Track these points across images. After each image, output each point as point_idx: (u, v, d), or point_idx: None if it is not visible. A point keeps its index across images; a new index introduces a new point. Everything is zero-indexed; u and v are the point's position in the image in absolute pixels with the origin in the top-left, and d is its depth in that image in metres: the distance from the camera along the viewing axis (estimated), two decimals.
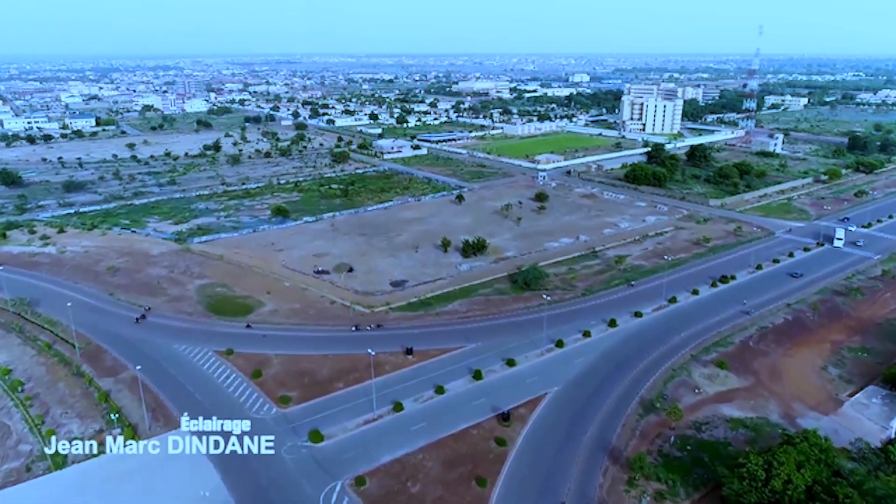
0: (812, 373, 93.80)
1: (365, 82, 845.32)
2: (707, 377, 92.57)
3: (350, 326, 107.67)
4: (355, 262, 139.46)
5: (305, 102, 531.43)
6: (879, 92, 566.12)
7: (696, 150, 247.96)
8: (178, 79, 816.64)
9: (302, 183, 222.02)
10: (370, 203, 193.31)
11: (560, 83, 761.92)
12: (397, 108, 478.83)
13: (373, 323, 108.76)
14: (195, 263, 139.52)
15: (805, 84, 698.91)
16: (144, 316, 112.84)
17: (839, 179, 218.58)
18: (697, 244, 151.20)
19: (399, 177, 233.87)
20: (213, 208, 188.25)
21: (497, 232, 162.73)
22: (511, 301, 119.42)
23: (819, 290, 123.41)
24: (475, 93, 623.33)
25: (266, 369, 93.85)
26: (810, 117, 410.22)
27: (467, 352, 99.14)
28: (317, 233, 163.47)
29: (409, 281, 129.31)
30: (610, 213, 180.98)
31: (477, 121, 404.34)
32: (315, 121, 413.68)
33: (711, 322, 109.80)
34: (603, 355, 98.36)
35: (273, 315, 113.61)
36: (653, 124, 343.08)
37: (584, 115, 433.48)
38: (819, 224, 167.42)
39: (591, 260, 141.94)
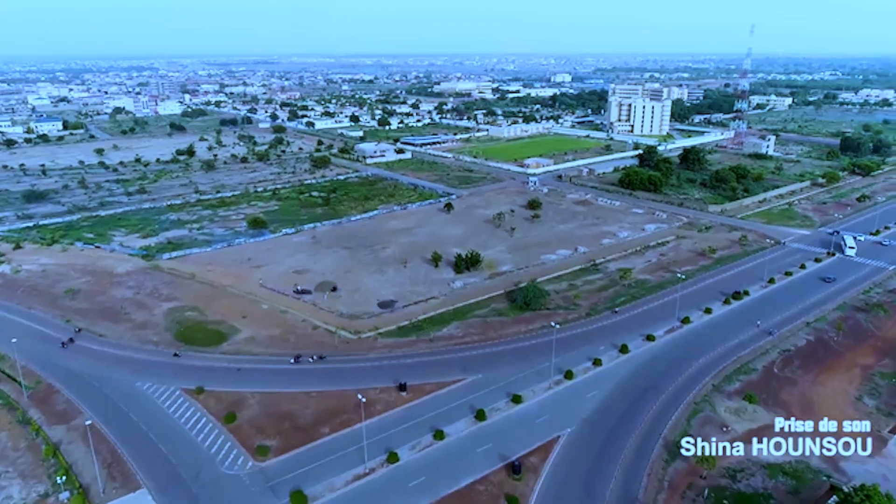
0: (847, 405, 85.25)
1: (345, 83, 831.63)
2: (734, 412, 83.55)
3: (291, 357, 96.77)
4: (339, 280, 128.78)
5: (284, 104, 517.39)
6: (861, 91, 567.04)
7: (689, 153, 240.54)
8: (152, 80, 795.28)
9: (280, 190, 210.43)
10: (353, 212, 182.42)
11: (542, 83, 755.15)
12: (379, 109, 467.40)
13: (315, 355, 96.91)
14: (164, 283, 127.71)
15: (786, 84, 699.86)
16: (73, 339, 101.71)
17: (838, 183, 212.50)
18: (703, 255, 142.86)
19: (383, 183, 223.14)
20: (186, 219, 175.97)
21: (490, 243, 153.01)
22: (511, 323, 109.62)
23: (838, 307, 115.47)
24: (457, 93, 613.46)
25: (241, 411, 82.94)
26: (797, 117, 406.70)
27: (467, 386, 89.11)
28: (297, 246, 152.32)
29: (399, 301, 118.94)
30: (607, 220, 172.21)
31: (461, 122, 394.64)
32: (294, 123, 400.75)
33: (730, 345, 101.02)
34: (617, 388, 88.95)
35: (249, 343, 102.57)
36: (641, 126, 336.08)
37: (569, 116, 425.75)
38: (825, 231, 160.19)
39: (593, 274, 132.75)
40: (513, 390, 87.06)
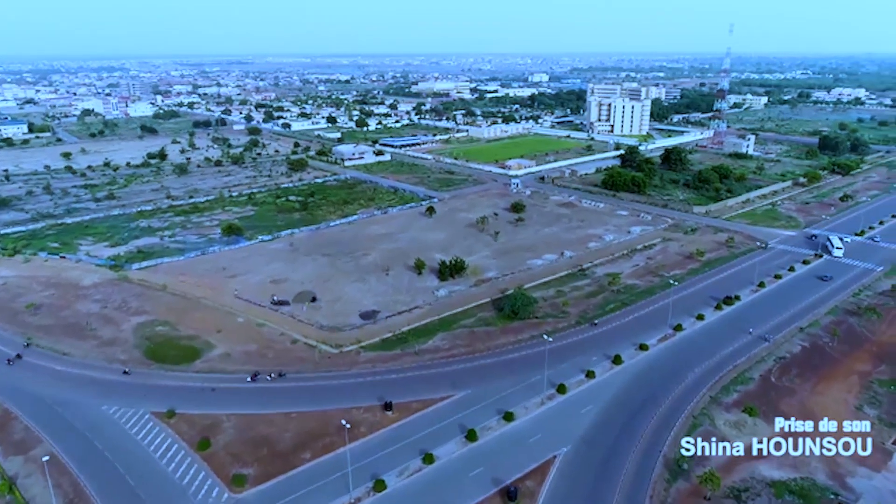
0: (849, 415, 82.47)
1: (321, 83, 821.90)
2: (734, 425, 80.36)
3: (250, 375, 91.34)
4: (319, 289, 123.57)
5: (259, 105, 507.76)
6: (833, 90, 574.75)
7: (671, 153, 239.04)
8: (123, 80, 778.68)
9: (256, 195, 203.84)
10: (332, 217, 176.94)
11: (520, 83, 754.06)
12: (356, 110, 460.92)
13: (274, 372, 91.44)
14: (133, 296, 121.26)
15: (759, 83, 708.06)
16: (20, 355, 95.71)
17: (819, 182, 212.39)
18: (691, 258, 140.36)
19: (362, 186, 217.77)
20: (157, 226, 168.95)
21: (474, 248, 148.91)
22: (499, 333, 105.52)
23: (830, 310, 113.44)
24: (435, 93, 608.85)
25: (216, 436, 77.55)
26: (773, 116, 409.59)
27: (456, 403, 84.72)
28: (274, 254, 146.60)
29: (382, 311, 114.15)
30: (592, 223, 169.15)
31: (440, 123, 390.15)
32: (269, 125, 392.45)
33: (725, 353, 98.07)
34: (612, 402, 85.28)
35: (224, 360, 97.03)
36: (621, 125, 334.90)
37: (549, 116, 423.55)
38: (811, 232, 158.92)
39: (581, 280, 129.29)
40: (504, 407, 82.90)
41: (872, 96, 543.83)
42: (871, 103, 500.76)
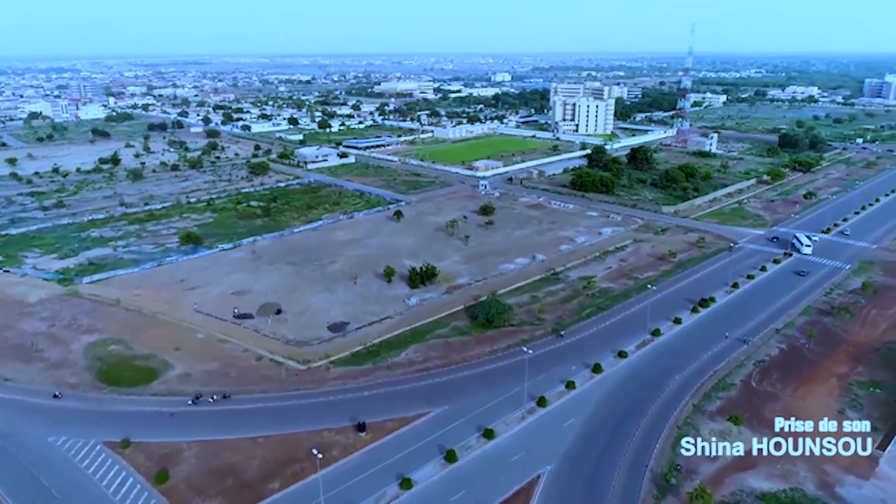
0: (831, 418, 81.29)
1: (281, 83, 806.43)
2: (720, 435, 77.87)
3: (193, 398, 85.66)
4: (284, 301, 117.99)
5: (217, 107, 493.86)
6: (787, 88, 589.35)
7: (637, 153, 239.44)
8: (73, 82, 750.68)
9: (216, 201, 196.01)
10: (296, 223, 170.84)
11: (483, 83, 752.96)
12: (318, 111, 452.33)
13: (217, 394, 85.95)
14: (84, 312, 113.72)
15: (717, 82, 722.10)
16: None
17: (782, 180, 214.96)
18: (663, 259, 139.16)
19: (327, 190, 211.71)
20: (110, 236, 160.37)
21: (444, 253, 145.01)
22: (474, 344, 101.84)
23: (804, 311, 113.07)
24: (399, 94, 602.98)
25: (175, 466, 71.87)
26: (733, 114, 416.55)
27: (433, 421, 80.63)
28: (236, 263, 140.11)
29: (351, 323, 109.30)
30: (562, 225, 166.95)
31: (405, 124, 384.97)
32: (228, 127, 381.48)
33: (704, 358, 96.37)
34: (594, 414, 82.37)
35: (184, 381, 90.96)
36: (586, 125, 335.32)
37: (513, 116, 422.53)
38: (778, 230, 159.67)
39: (554, 284, 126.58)
40: (483, 423, 79.13)
41: (825, 94, 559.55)
42: (823, 101, 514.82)
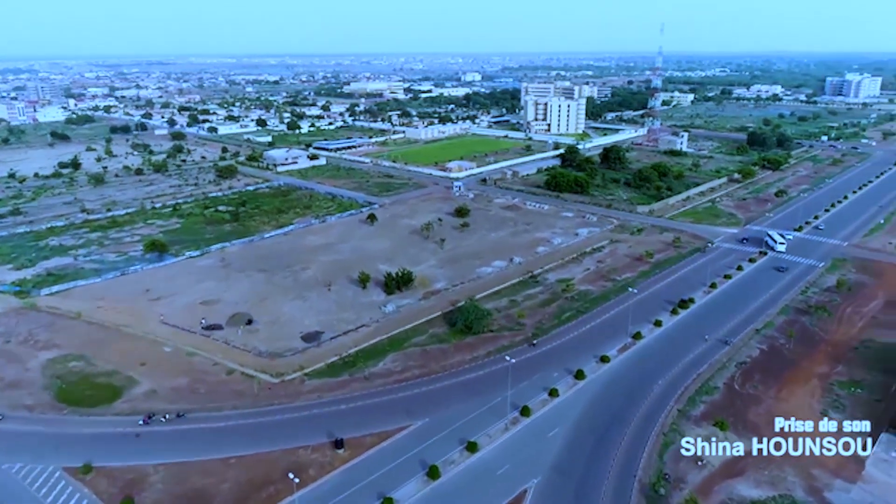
0: (815, 421, 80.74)
1: (248, 84, 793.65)
2: (706, 440, 76.80)
3: (142, 418, 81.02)
4: (255, 310, 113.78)
5: (182, 108, 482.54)
6: (752, 87, 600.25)
7: (610, 152, 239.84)
8: (31, 83, 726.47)
9: (182, 206, 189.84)
10: (266, 228, 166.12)
11: (453, 83, 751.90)
12: (287, 112, 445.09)
13: (170, 413, 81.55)
14: (42, 326, 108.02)
15: (683, 81, 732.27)
16: None
17: (753, 178, 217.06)
18: (641, 260, 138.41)
19: (298, 193, 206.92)
20: (70, 245, 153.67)
21: (420, 257, 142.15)
22: (453, 351, 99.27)
23: (781, 310, 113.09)
24: (369, 94, 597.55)
25: (141, 493, 67.74)
26: (701, 113, 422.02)
27: (413, 434, 77.71)
28: (204, 271, 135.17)
29: (326, 332, 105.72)
30: (538, 226, 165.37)
31: (375, 125, 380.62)
32: (194, 129, 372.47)
33: (686, 361, 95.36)
34: (579, 422, 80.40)
35: (150, 399, 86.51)
36: (558, 125, 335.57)
37: (485, 115, 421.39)
38: (752, 229, 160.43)
39: (533, 287, 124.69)
40: (466, 436, 76.53)
41: (788, 92, 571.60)
42: (787, 99, 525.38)
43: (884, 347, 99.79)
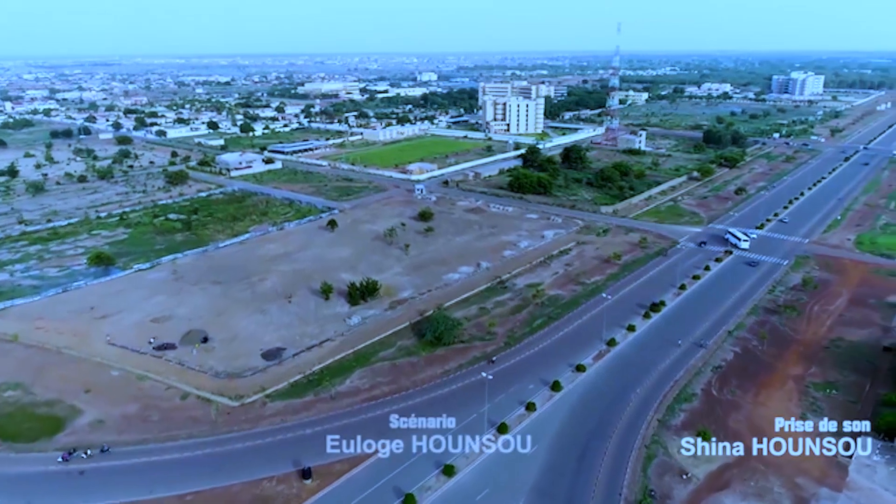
0: (795, 427, 79.45)
1: (198, 85, 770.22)
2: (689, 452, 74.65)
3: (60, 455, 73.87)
4: (211, 327, 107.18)
5: (128, 111, 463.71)
6: (703, 85, 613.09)
7: (570, 152, 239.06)
8: None
9: (130, 214, 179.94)
10: (221, 237, 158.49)
11: (409, 82, 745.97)
12: (240, 114, 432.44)
13: (94, 448, 74.22)
14: None
15: (636, 79, 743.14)
16: None
17: (711, 176, 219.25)
18: (608, 262, 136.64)
19: (253, 199, 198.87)
20: (6, 259, 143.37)
21: (384, 265, 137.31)
22: (424, 364, 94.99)
23: (751, 310, 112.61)
24: (324, 95, 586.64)
25: None
26: (655, 111, 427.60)
27: (386, 459, 72.68)
28: (154, 285, 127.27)
29: (288, 348, 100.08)
30: (504, 229, 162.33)
31: (332, 126, 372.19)
32: (142, 133, 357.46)
33: (662, 367, 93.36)
34: (559, 438, 77.13)
35: (96, 430, 79.56)
36: (517, 124, 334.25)
37: (443, 116, 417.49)
38: (715, 228, 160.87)
39: (502, 294, 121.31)
40: (442, 458, 72.21)
41: (737, 90, 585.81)
42: (737, 97, 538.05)
43: (853, 346, 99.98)
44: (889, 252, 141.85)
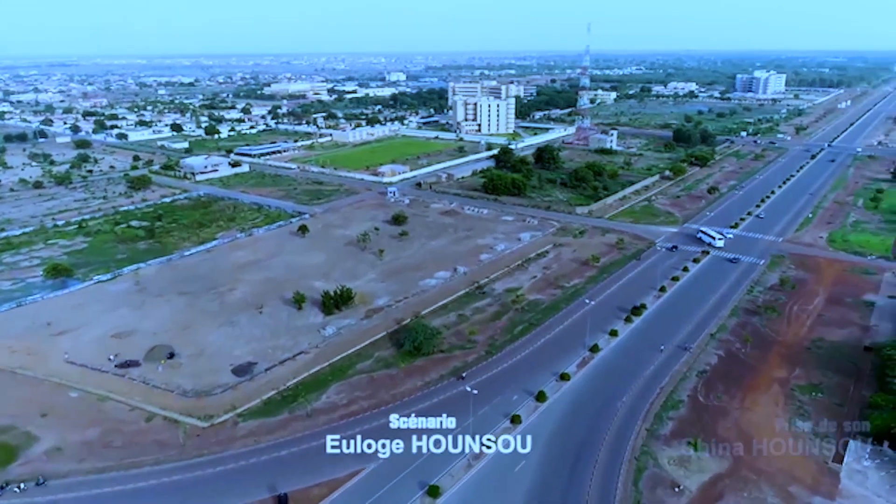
0: (785, 433, 78.11)
1: (161, 86, 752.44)
2: (679, 463, 72.60)
3: None
4: (177, 341, 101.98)
5: (87, 113, 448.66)
6: (669, 85, 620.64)
7: (543, 152, 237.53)
8: None
9: (89, 222, 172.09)
10: (187, 245, 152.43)
11: (378, 83, 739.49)
12: (204, 116, 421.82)
13: (28, 481, 69.17)
14: None
15: (603, 79, 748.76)
16: None
17: (683, 175, 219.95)
18: (587, 265, 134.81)
19: (220, 204, 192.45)
20: None
21: (358, 271, 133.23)
22: (403, 377, 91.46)
23: (732, 312, 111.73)
24: (291, 95, 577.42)
25: None
26: (624, 111, 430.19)
27: (367, 480, 69.40)
28: (116, 298, 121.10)
29: (260, 363, 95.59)
30: (479, 232, 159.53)
31: (301, 128, 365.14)
32: (102, 136, 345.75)
33: (647, 373, 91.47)
34: (546, 453, 74.31)
35: (54, 458, 74.20)
36: (488, 125, 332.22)
37: (414, 116, 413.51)
38: (690, 228, 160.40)
39: (480, 299, 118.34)
40: (425, 478, 69.03)
41: (703, 90, 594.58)
42: (703, 96, 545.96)
43: (833, 347, 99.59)
44: (861, 250, 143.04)
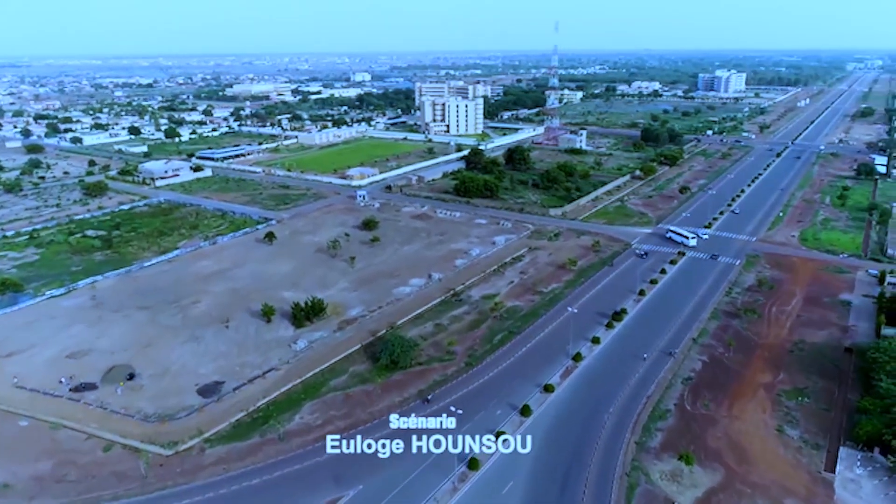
0: (774, 440, 76.46)
1: (117, 88, 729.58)
2: (671, 477, 70.10)
3: None
4: (138, 361, 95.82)
5: (39, 116, 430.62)
6: (633, 84, 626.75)
7: (514, 153, 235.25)
8: None
9: (41, 232, 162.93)
10: (146, 255, 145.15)
11: (343, 83, 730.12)
12: (164, 118, 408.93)
13: None
14: None
15: (569, 78, 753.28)
16: None
17: (654, 174, 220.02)
18: (564, 268, 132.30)
19: (182, 211, 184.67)
20: None
21: (329, 279, 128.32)
22: (380, 392, 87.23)
23: (712, 315, 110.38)
24: (254, 96, 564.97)
25: None
26: (591, 110, 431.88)
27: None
28: (70, 314, 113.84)
29: (227, 382, 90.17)
30: (453, 236, 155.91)
31: (265, 130, 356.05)
32: (55, 140, 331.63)
33: (632, 382, 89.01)
34: (535, 472, 70.98)
35: (2, 496, 67.80)
36: (457, 125, 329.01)
37: (381, 117, 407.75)
38: (663, 228, 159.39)
39: (457, 307, 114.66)
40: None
41: (666, 89, 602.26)
42: (667, 95, 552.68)
43: (815, 348, 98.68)
44: (832, 248, 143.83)
